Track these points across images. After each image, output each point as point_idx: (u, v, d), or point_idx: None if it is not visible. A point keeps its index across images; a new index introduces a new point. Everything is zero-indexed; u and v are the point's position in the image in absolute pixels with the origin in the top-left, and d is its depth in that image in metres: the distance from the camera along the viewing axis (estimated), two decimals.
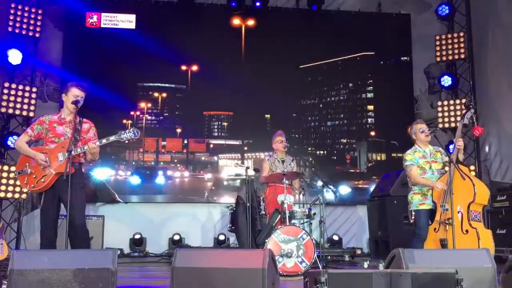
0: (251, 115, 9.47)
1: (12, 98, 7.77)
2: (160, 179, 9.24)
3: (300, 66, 9.69)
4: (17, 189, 7.62)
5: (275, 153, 6.95)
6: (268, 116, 9.67)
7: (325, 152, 9.77)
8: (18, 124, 8.08)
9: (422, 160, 5.53)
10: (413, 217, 5.48)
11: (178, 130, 9.47)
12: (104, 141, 4.75)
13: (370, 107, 9.93)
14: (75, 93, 4.86)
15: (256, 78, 9.39)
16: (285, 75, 9.54)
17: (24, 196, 7.71)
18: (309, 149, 9.74)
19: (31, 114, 7.88)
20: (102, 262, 3.44)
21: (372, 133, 9.81)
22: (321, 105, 9.86)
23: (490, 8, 8.99)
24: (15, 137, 7.73)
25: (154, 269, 7.05)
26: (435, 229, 5.25)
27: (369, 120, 9.91)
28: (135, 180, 9.11)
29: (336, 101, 9.94)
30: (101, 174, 8.84)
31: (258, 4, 9.34)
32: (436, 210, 5.29)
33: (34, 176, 4.70)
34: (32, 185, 4.70)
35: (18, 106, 7.81)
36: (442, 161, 5.54)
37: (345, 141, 9.84)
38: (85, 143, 4.82)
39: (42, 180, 4.67)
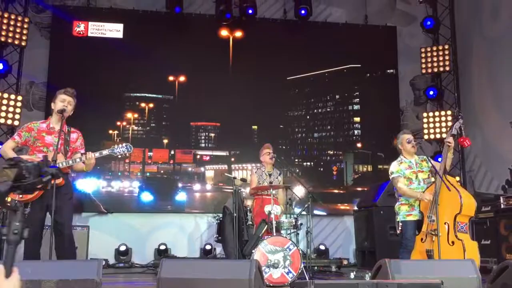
0: (238, 126, 9.45)
1: None
2: (181, 196, 9.14)
3: (288, 78, 9.72)
4: None
5: (262, 166, 6.94)
6: (255, 127, 9.68)
7: (312, 163, 9.79)
8: (3, 133, 8.01)
9: (408, 170, 5.55)
10: (400, 228, 5.49)
11: (165, 141, 9.43)
12: (97, 154, 4.68)
13: (357, 119, 9.99)
14: (62, 98, 4.76)
15: (243, 89, 9.42)
16: (272, 87, 9.56)
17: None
18: (296, 160, 9.75)
19: (16, 123, 7.80)
20: (87, 273, 3.40)
21: (359, 145, 9.86)
22: (308, 117, 9.89)
23: (474, 22, 9.14)
24: None
25: (140, 280, 6.98)
26: (422, 239, 5.27)
27: (356, 131, 9.97)
28: (147, 196, 9.03)
29: (323, 113, 9.98)
30: (88, 185, 8.76)
31: (250, 11, 9.32)
32: (423, 220, 5.31)
33: None
34: (20, 196, 4.61)
35: (3, 114, 7.73)
36: (429, 169, 5.57)
37: (332, 152, 9.87)
38: (72, 153, 4.76)
39: None
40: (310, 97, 9.97)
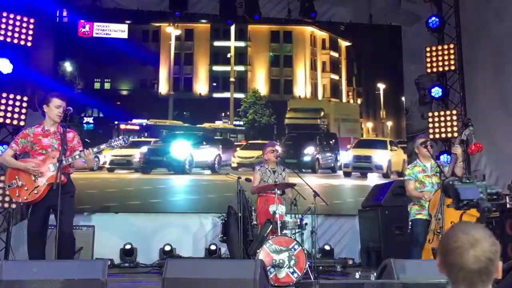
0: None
1: (2, 107, 7.71)
2: None
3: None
4: (6, 198, 7.54)
5: (266, 163, 6.95)
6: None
7: None
8: (8, 133, 8.02)
9: (422, 174, 5.66)
10: (410, 227, 5.59)
11: None
12: (95, 149, 4.76)
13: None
14: (56, 104, 4.87)
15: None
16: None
17: (13, 206, 7.63)
18: None
19: (22, 123, 7.81)
20: (92, 273, 3.41)
21: None
22: None
23: (479, 21, 9.10)
24: (5, 146, 7.69)
25: (145, 280, 7.00)
26: (429, 240, 5.29)
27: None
28: None
29: None
30: None
31: (256, 17, 9.32)
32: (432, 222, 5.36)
33: (25, 188, 4.68)
34: (25, 197, 4.68)
35: (9, 115, 7.74)
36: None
37: None
38: (71, 152, 4.81)
39: (35, 191, 4.65)
40: None
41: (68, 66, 9.07)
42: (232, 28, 9.65)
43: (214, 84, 9.86)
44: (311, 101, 10.11)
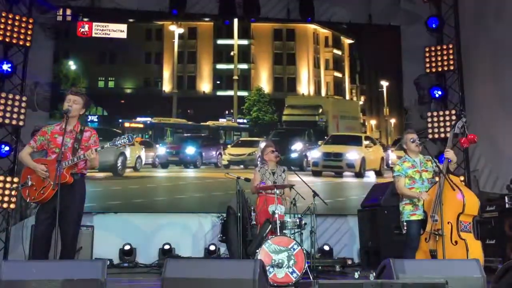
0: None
1: (1, 107, 7.72)
2: None
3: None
4: (6, 198, 7.55)
5: (266, 165, 6.95)
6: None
7: None
8: (8, 133, 8.02)
9: (411, 170, 5.55)
10: (405, 227, 5.51)
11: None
12: (98, 149, 4.73)
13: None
14: (67, 99, 4.83)
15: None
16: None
17: (12, 206, 7.64)
18: None
19: (21, 123, 7.83)
20: (91, 273, 3.41)
21: None
22: None
23: (478, 21, 9.11)
24: (4, 146, 7.70)
25: (144, 280, 7.00)
26: (425, 239, 5.27)
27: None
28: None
29: None
30: None
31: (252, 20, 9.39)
32: (427, 220, 5.31)
33: (34, 188, 4.67)
34: (33, 197, 4.67)
35: (8, 115, 7.75)
36: (433, 170, 5.57)
37: None
38: (85, 151, 4.79)
39: (42, 191, 4.63)
40: None
41: (71, 65, 9.10)
42: (235, 26, 9.68)
43: (218, 82, 9.91)
44: (309, 98, 10.11)
